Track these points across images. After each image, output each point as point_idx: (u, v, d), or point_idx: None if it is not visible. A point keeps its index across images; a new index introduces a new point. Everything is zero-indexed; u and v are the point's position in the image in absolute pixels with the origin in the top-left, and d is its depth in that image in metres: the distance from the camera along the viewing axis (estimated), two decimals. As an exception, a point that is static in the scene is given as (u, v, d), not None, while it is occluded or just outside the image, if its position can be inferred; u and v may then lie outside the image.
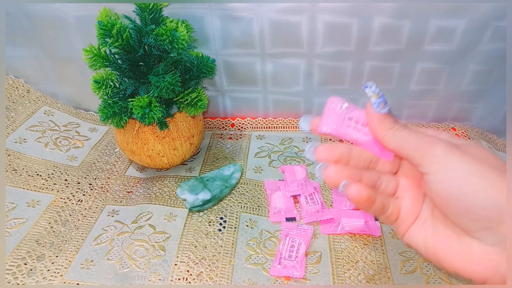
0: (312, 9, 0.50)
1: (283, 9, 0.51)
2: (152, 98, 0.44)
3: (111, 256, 0.42)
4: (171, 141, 0.50)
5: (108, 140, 0.60)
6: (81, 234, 0.45)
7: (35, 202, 0.48)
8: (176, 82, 0.44)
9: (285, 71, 0.58)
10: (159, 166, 0.53)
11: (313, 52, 0.54)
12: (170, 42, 0.43)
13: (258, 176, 0.54)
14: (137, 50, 0.44)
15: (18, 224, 0.45)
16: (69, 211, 0.48)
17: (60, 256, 0.42)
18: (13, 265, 0.40)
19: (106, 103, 0.45)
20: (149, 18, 0.45)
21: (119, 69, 0.45)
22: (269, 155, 0.57)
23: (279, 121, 0.64)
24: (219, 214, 0.47)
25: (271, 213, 0.47)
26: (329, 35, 0.52)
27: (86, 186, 0.51)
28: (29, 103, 0.61)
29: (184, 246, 0.43)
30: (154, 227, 0.45)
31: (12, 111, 0.59)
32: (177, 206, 0.48)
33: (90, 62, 0.43)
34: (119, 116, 0.46)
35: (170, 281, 0.40)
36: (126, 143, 0.50)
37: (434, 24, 0.50)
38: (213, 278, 0.40)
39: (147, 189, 0.51)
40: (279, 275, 0.40)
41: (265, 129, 0.63)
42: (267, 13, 0.51)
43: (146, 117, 0.44)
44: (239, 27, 0.53)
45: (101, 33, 0.41)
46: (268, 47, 0.55)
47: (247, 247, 0.44)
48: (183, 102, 0.48)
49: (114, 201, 0.50)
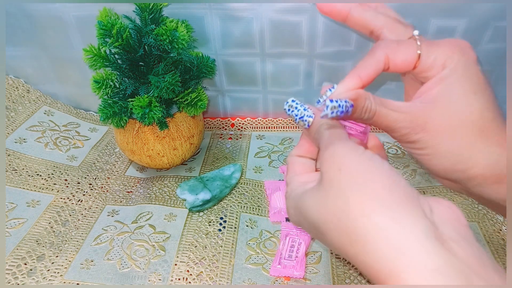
0: (312, 9, 0.50)
1: (283, 9, 0.51)
2: (152, 98, 0.44)
3: (111, 256, 0.42)
4: (171, 141, 0.50)
5: (108, 140, 0.60)
6: (81, 234, 0.45)
7: (35, 202, 0.48)
8: (176, 82, 0.44)
9: (285, 71, 0.58)
10: (159, 166, 0.53)
11: (313, 52, 0.54)
12: (170, 42, 0.43)
13: (258, 176, 0.54)
14: (137, 50, 0.44)
15: (18, 224, 0.45)
16: (69, 211, 0.48)
17: (60, 256, 0.42)
18: (13, 265, 0.40)
19: (106, 103, 0.45)
20: (149, 18, 0.45)
21: (119, 69, 0.45)
22: (269, 155, 0.57)
23: (279, 121, 0.64)
24: (219, 214, 0.47)
25: (271, 213, 0.47)
26: (329, 35, 0.52)
27: (86, 186, 0.51)
28: (29, 103, 0.61)
29: (184, 246, 0.43)
30: (154, 227, 0.45)
31: (12, 111, 0.59)
32: (177, 206, 0.48)
33: (90, 62, 0.43)
34: (119, 116, 0.46)
35: (170, 281, 0.40)
36: (126, 143, 0.50)
37: (434, 24, 0.50)
38: (213, 278, 0.40)
39: (147, 189, 0.51)
40: (279, 275, 0.40)
41: (265, 129, 0.63)
42: (267, 13, 0.51)
43: (146, 117, 0.44)
44: (239, 27, 0.53)
45: (101, 33, 0.41)
46: (268, 47, 0.55)
47: (247, 247, 0.44)
48: (183, 102, 0.48)
49: (114, 201, 0.50)
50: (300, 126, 0.25)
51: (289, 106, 0.25)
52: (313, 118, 0.24)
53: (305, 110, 0.25)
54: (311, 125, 0.25)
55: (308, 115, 0.25)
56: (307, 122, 0.25)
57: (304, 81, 0.58)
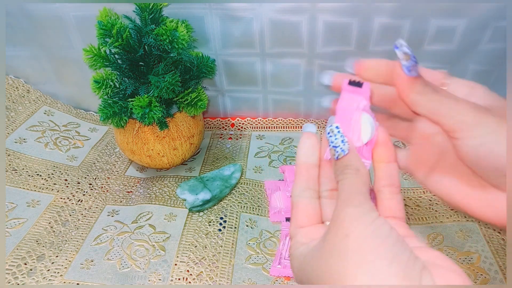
0: (312, 9, 0.50)
1: (283, 9, 0.51)
2: (152, 98, 0.44)
3: (111, 256, 0.42)
4: (171, 141, 0.50)
5: (108, 140, 0.60)
6: (81, 234, 0.45)
7: (35, 202, 0.48)
8: (176, 82, 0.44)
9: (285, 71, 0.58)
10: (159, 166, 0.53)
11: (313, 52, 0.54)
12: (170, 42, 0.43)
13: (258, 176, 0.54)
14: (137, 50, 0.44)
15: (18, 224, 0.45)
16: (69, 211, 0.48)
17: (60, 256, 0.42)
18: (13, 265, 0.40)
19: (106, 103, 0.45)
20: (149, 18, 0.45)
21: (119, 69, 0.45)
22: (269, 155, 0.57)
23: (279, 121, 0.64)
24: (219, 214, 0.47)
25: (271, 213, 0.47)
26: (329, 35, 0.52)
27: (86, 186, 0.51)
28: (29, 103, 0.61)
29: (184, 246, 0.43)
30: (154, 227, 0.45)
31: (12, 111, 0.59)
32: (177, 206, 0.48)
33: (90, 62, 0.43)
34: (119, 116, 0.46)
35: (170, 281, 0.40)
36: (126, 143, 0.50)
37: (434, 24, 0.50)
38: (213, 278, 0.40)
39: (147, 189, 0.51)
40: (279, 275, 0.40)
41: (265, 129, 0.63)
42: (267, 13, 0.51)
43: (146, 117, 0.44)
44: (239, 27, 0.53)
45: (101, 33, 0.41)
46: (268, 47, 0.55)
47: (247, 247, 0.44)
48: (183, 102, 0.48)
49: (114, 201, 0.50)
50: (330, 154, 0.25)
51: (331, 130, 0.25)
52: (345, 154, 0.24)
53: (343, 142, 0.24)
54: (339, 158, 0.24)
55: (343, 148, 0.24)
56: (337, 155, 0.24)
57: (304, 81, 0.58)
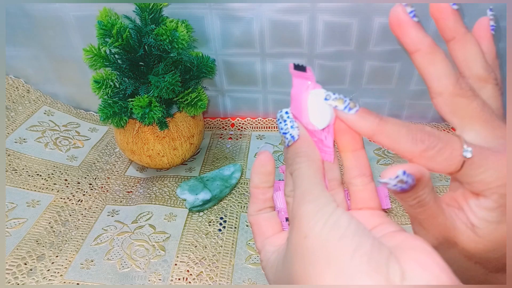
0: (312, 9, 0.50)
1: (283, 9, 0.51)
2: (152, 98, 0.44)
3: (111, 256, 0.42)
4: (171, 141, 0.50)
5: (108, 140, 0.60)
6: (81, 234, 0.45)
7: (35, 202, 0.48)
8: (176, 82, 0.44)
9: (285, 71, 0.58)
10: (159, 166, 0.53)
11: (313, 52, 0.54)
12: (170, 42, 0.43)
13: (258, 176, 0.53)
14: (137, 50, 0.44)
15: (18, 224, 0.45)
16: (69, 211, 0.48)
17: (60, 256, 0.42)
18: (13, 265, 0.40)
19: (106, 103, 0.45)
20: (149, 18, 0.45)
21: (119, 69, 0.45)
22: (269, 155, 0.57)
23: (279, 121, 0.64)
24: (219, 214, 0.47)
25: (271, 213, 0.47)
26: (329, 35, 0.52)
27: (86, 186, 0.51)
28: (29, 103, 0.61)
29: (184, 246, 0.43)
30: (154, 227, 0.45)
31: (12, 111, 0.59)
32: (177, 206, 0.48)
33: (90, 62, 0.43)
34: (119, 116, 0.46)
35: (170, 281, 0.40)
36: (126, 143, 0.50)
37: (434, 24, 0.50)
38: (213, 278, 0.40)
39: (147, 189, 0.51)
40: (279, 275, 0.40)
41: (265, 129, 0.63)
42: (267, 13, 0.51)
43: (146, 117, 0.44)
44: (239, 27, 0.53)
45: (101, 33, 0.41)
46: (268, 47, 0.55)
47: (247, 247, 0.44)
48: (183, 102, 0.48)
49: (114, 201, 0.50)
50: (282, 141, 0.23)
51: (280, 116, 0.23)
52: (294, 140, 0.22)
53: (292, 128, 0.22)
54: (290, 145, 0.22)
55: (292, 134, 0.22)
56: (287, 141, 0.22)
57: (304, 81, 0.58)
